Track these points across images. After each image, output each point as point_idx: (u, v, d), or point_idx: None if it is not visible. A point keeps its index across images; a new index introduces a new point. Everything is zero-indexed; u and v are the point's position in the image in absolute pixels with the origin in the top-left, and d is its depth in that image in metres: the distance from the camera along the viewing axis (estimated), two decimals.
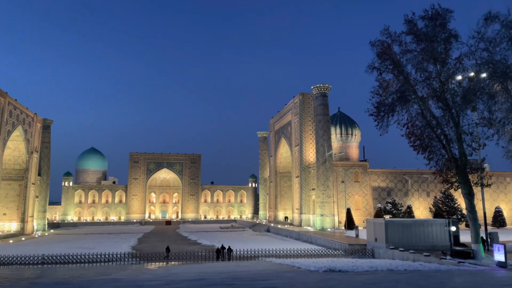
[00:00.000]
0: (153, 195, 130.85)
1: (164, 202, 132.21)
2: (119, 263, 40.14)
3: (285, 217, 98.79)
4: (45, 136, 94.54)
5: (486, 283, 20.80)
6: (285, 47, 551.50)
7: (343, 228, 71.34)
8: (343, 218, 73.60)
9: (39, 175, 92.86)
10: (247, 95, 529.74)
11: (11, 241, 66.18)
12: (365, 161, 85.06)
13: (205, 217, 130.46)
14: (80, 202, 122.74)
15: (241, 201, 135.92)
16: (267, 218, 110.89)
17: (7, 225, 79.87)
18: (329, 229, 69.77)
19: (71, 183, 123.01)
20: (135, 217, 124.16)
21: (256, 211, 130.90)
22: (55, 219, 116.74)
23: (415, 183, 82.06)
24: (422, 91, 34.24)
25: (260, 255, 42.93)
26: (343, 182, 77.42)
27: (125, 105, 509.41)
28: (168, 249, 44.71)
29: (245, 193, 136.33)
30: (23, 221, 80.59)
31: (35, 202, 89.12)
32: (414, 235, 41.32)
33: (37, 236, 79.91)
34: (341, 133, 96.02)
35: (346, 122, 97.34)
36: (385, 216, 71.13)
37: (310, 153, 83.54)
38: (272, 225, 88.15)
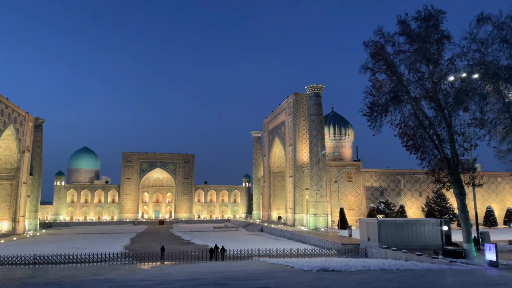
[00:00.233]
0: (146, 194, 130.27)
1: (157, 201, 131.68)
2: (111, 263, 39.97)
3: (279, 217, 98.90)
4: (37, 135, 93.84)
5: (477, 282, 20.96)
6: (279, 47, 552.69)
7: (336, 227, 71.61)
8: (336, 217, 73.89)
9: (31, 174, 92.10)
10: (241, 95, 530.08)
11: (2, 241, 65.55)
12: (358, 161, 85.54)
13: (199, 217, 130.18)
14: (72, 201, 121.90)
15: (235, 201, 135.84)
16: (261, 217, 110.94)
17: None
18: (323, 229, 70.01)
19: (63, 183, 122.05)
20: (128, 217, 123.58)
21: (249, 211, 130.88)
22: (47, 219, 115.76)
23: (408, 183, 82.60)
24: (415, 92, 34.49)
25: (253, 254, 43.02)
26: (336, 182, 77.71)
27: (118, 104, 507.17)
28: (163, 249, 44.68)
29: (239, 192, 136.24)
30: (14, 220, 79.82)
31: (27, 201, 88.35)
32: (406, 235, 41.68)
33: (28, 236, 79.25)
34: (335, 133, 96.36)
35: (339, 122, 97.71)
36: (378, 215, 71.51)
37: (303, 153, 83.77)
38: (265, 224, 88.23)
